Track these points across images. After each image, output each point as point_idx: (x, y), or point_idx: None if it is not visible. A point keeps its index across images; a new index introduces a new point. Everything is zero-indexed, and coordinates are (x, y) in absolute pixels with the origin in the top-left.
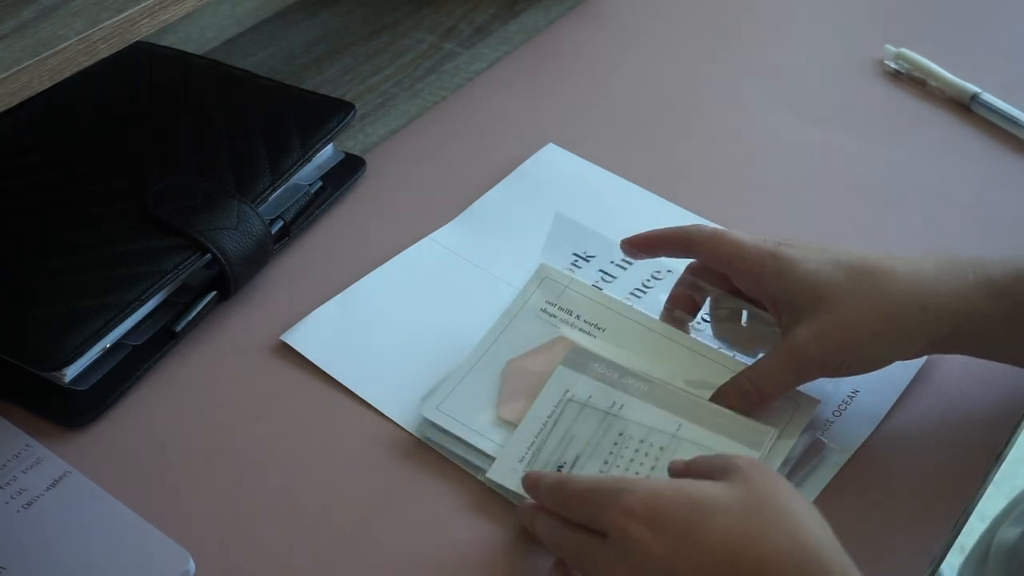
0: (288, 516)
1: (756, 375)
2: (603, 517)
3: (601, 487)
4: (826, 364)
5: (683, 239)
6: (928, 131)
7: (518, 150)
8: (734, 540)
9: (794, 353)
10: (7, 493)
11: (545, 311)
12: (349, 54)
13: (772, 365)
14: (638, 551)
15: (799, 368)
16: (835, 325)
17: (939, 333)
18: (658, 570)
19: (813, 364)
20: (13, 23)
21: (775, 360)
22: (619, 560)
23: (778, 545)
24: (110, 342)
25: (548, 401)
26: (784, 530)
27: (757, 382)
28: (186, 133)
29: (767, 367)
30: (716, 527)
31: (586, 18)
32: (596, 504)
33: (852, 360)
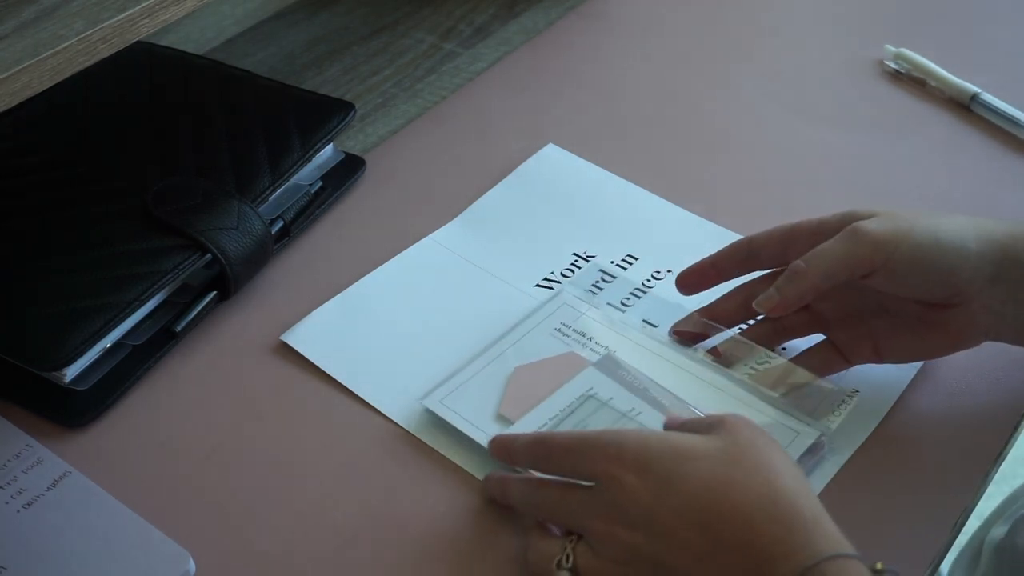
0: (288, 516)
1: (810, 253)
2: (591, 465)
3: (589, 438)
4: (880, 242)
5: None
6: (928, 131)
7: (518, 150)
8: (712, 487)
9: (852, 229)
10: (7, 493)
11: (559, 330)
12: (349, 54)
13: (828, 242)
14: (625, 496)
15: (854, 242)
16: (895, 215)
17: (998, 248)
18: (642, 515)
19: (867, 239)
20: (13, 23)
21: (832, 240)
22: (605, 507)
23: (755, 490)
24: (110, 342)
25: (569, 393)
26: (761, 477)
27: (809, 257)
28: (186, 133)
29: (822, 245)
30: (697, 473)
31: (586, 18)
32: (583, 454)
33: (906, 244)
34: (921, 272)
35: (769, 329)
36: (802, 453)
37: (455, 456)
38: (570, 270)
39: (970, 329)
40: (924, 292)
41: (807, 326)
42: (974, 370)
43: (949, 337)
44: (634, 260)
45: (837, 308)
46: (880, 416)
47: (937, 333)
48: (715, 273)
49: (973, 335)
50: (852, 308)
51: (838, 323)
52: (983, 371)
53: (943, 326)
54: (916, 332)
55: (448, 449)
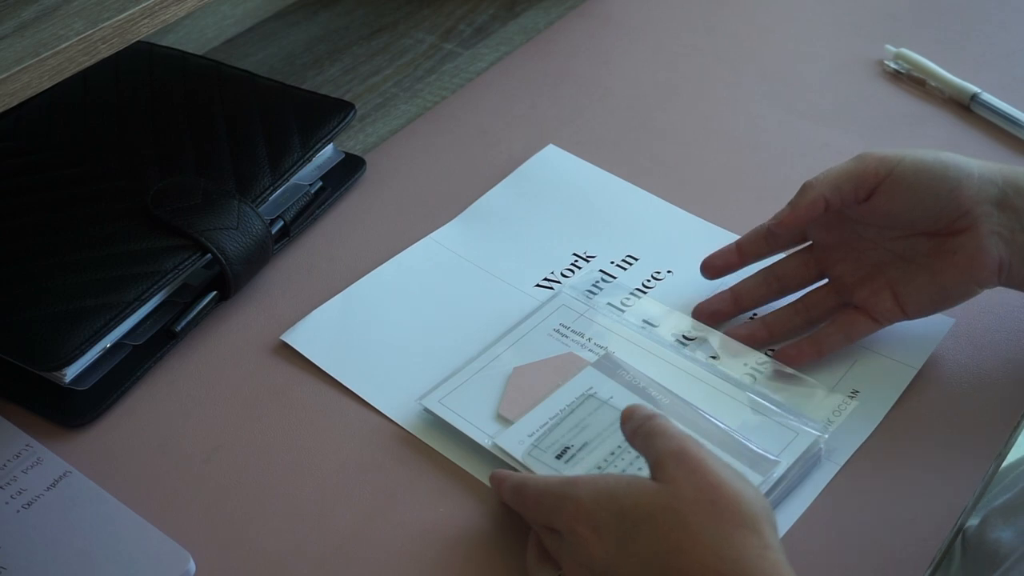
0: (288, 515)
1: (820, 173)
2: (556, 519)
3: (550, 491)
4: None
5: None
6: (928, 131)
7: (518, 150)
8: (663, 555)
9: (859, 154)
10: (7, 493)
11: (558, 331)
12: (349, 54)
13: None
14: (585, 551)
15: (858, 159)
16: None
17: (1002, 178)
18: (605, 570)
19: (871, 156)
20: (13, 23)
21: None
22: (572, 558)
23: (703, 561)
24: (110, 342)
25: (569, 393)
26: (707, 543)
27: (818, 176)
28: (186, 133)
29: (831, 167)
30: (646, 539)
31: (586, 18)
32: (548, 507)
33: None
34: (925, 186)
35: (792, 311)
36: (800, 454)
37: (455, 456)
38: (570, 270)
39: (981, 257)
40: (930, 212)
41: (829, 296)
42: (974, 371)
43: (963, 269)
44: (634, 260)
45: (853, 268)
46: (880, 416)
47: (950, 267)
48: (739, 256)
49: (986, 264)
50: (867, 263)
51: (857, 284)
52: (983, 372)
53: (955, 257)
54: (931, 270)
55: (448, 449)
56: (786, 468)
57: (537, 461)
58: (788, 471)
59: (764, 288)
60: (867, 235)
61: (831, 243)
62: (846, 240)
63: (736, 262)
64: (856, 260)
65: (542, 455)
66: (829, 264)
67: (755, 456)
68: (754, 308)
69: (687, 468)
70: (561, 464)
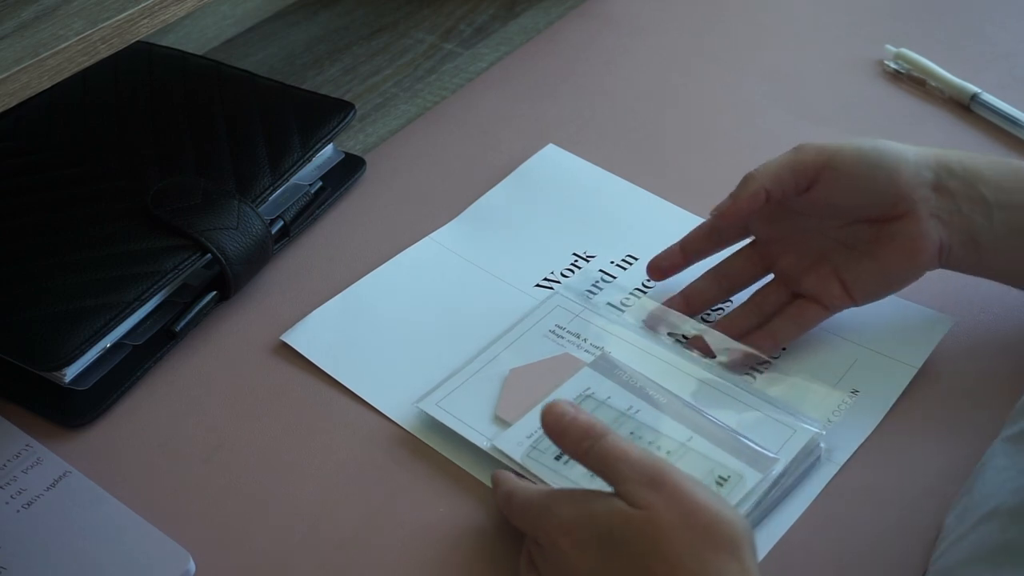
0: (288, 516)
1: (760, 165)
2: (538, 531)
3: (533, 503)
4: (822, 147)
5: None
6: (928, 131)
7: (518, 150)
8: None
9: (797, 145)
10: (7, 493)
11: (554, 332)
12: (349, 54)
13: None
14: (568, 564)
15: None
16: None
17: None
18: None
19: (810, 148)
20: (13, 23)
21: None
22: (555, 570)
23: None
24: (110, 342)
25: (567, 394)
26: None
27: (759, 168)
28: (186, 133)
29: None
30: (627, 561)
31: (586, 18)
32: (532, 518)
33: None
34: (863, 175)
35: (745, 311)
36: (797, 452)
37: (454, 456)
38: (570, 270)
39: (921, 241)
40: (869, 199)
41: (779, 290)
42: (974, 370)
43: (905, 253)
44: (634, 260)
45: (798, 259)
46: (880, 415)
47: (892, 252)
48: (683, 256)
49: (927, 248)
50: (811, 253)
51: (803, 274)
52: (983, 371)
53: (895, 243)
54: (873, 256)
55: (447, 449)
56: (785, 465)
57: (536, 463)
58: (787, 468)
59: (715, 288)
60: (809, 226)
61: (774, 236)
62: (788, 232)
63: (681, 262)
64: (800, 251)
65: (541, 456)
66: (774, 257)
67: (754, 454)
68: (706, 309)
69: (665, 494)
70: (560, 465)
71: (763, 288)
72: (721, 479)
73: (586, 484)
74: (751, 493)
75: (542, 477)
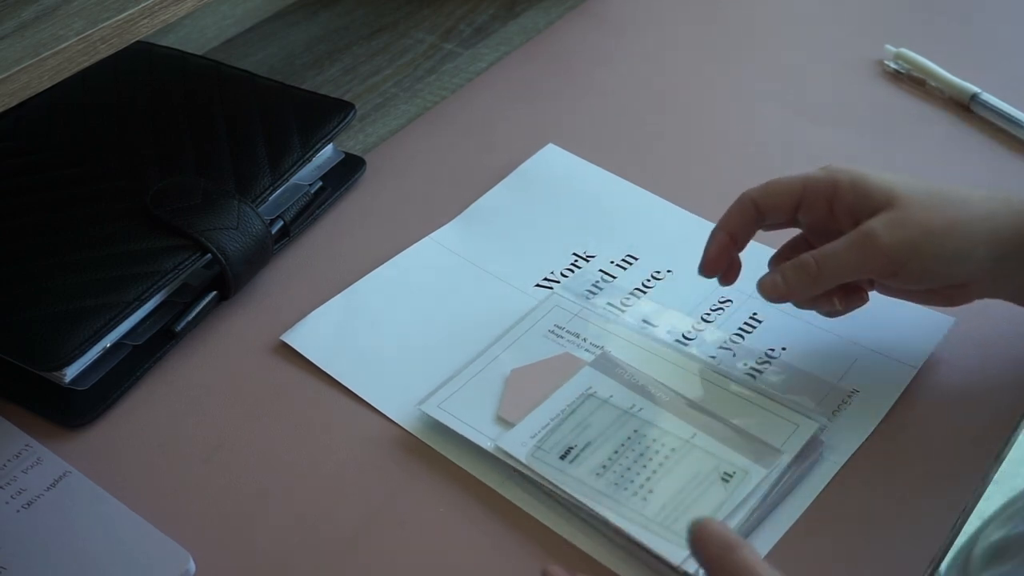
0: (288, 516)
1: (820, 254)
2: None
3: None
4: (893, 256)
5: (746, 207)
6: (928, 131)
7: (518, 150)
8: None
9: (864, 237)
10: (7, 493)
11: (553, 332)
12: (349, 54)
13: (839, 247)
14: None
15: (865, 254)
16: (907, 219)
17: (1004, 248)
18: None
19: (880, 252)
20: (13, 23)
21: (843, 243)
22: None
23: None
24: (110, 342)
25: (569, 393)
26: None
27: (820, 259)
28: (186, 133)
29: (834, 248)
30: None
31: (586, 18)
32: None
33: (917, 257)
34: (928, 280)
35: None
36: (801, 447)
37: (455, 456)
38: (570, 270)
39: (965, 299)
40: (927, 288)
41: None
42: (974, 371)
43: (947, 302)
44: (634, 260)
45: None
46: (880, 416)
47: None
48: (734, 243)
49: (969, 299)
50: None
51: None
52: (983, 371)
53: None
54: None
55: (449, 450)
56: (790, 459)
57: (541, 462)
58: (791, 462)
59: None
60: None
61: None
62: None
63: (733, 249)
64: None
65: (545, 456)
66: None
67: (758, 449)
68: None
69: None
70: (565, 464)
71: None
72: (727, 475)
73: (592, 483)
74: (757, 488)
75: (547, 476)
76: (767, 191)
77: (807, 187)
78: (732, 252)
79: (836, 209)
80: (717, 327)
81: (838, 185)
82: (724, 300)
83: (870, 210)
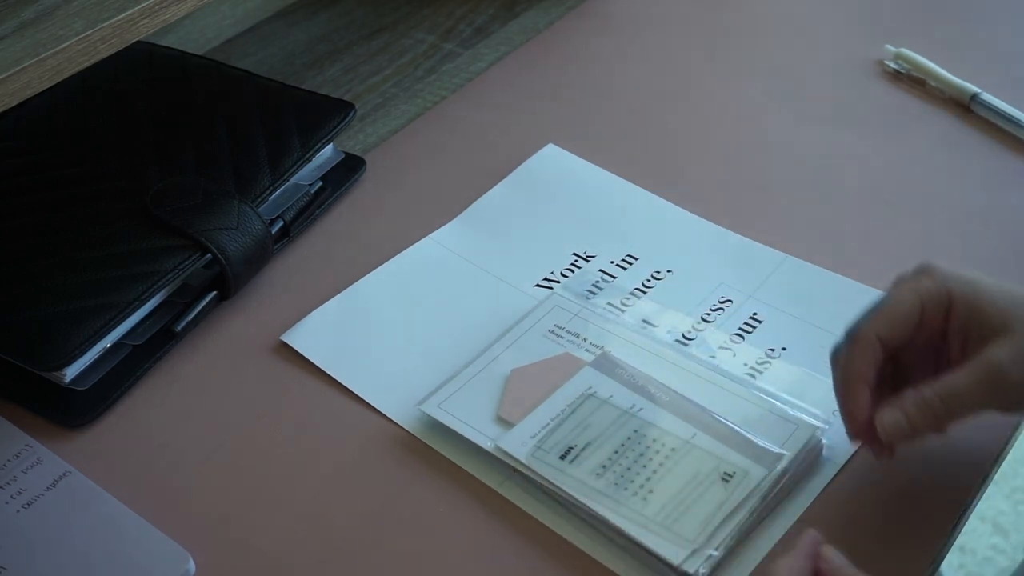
0: (288, 516)
1: (946, 391)
2: None
3: None
4: (1019, 391)
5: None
6: (928, 131)
7: (518, 150)
8: None
9: (994, 374)
10: (7, 493)
11: (553, 332)
12: (349, 54)
13: (962, 383)
14: None
15: (995, 392)
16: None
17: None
18: None
19: (1011, 389)
20: (13, 23)
21: (967, 378)
22: None
23: None
24: (110, 342)
25: (569, 393)
26: None
27: (946, 398)
28: (186, 133)
29: (960, 384)
30: None
31: (586, 18)
32: None
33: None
34: None
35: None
36: (801, 447)
37: (454, 456)
38: (570, 270)
39: None
40: None
41: None
42: None
43: None
44: (634, 260)
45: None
46: None
47: None
48: (871, 388)
49: None
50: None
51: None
52: None
53: None
54: None
55: (449, 450)
56: (790, 459)
57: (541, 462)
58: (791, 462)
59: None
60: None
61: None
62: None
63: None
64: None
65: (546, 456)
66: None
67: (759, 449)
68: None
69: None
70: (566, 464)
71: None
72: (727, 475)
73: (592, 483)
74: (757, 488)
75: (547, 476)
76: (890, 324)
77: (925, 307)
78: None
79: (950, 323)
80: (717, 327)
81: (953, 302)
82: (724, 300)
83: (983, 329)
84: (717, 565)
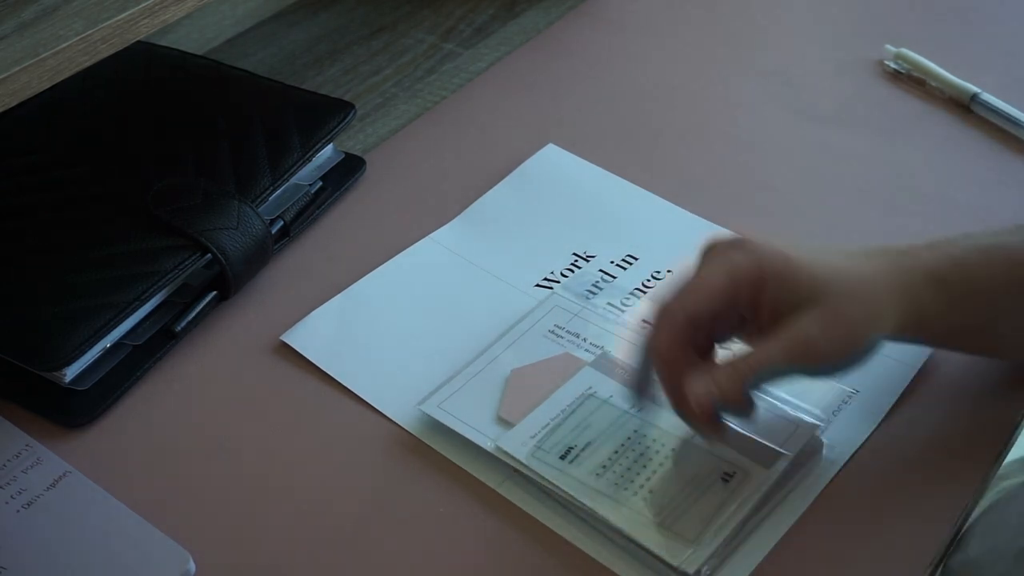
0: (288, 516)
1: (756, 361)
2: None
3: None
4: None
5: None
6: (928, 131)
7: (518, 150)
8: None
9: (803, 343)
10: (7, 493)
11: (553, 332)
12: (349, 54)
13: (777, 353)
14: None
15: (805, 358)
16: (839, 316)
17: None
18: None
19: (822, 355)
20: (13, 23)
21: (780, 348)
22: None
23: None
24: (110, 342)
25: (569, 393)
26: None
27: (757, 368)
28: (186, 133)
29: (770, 354)
30: None
31: (586, 18)
32: None
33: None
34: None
35: None
36: (801, 447)
37: (455, 456)
38: (570, 270)
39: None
40: None
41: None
42: (974, 370)
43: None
44: (634, 260)
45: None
46: (880, 416)
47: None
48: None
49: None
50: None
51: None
52: (983, 371)
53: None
54: None
55: (448, 450)
56: (790, 459)
57: (541, 462)
58: (792, 462)
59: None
60: None
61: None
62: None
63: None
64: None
65: (546, 456)
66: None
67: (759, 449)
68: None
69: None
70: (565, 464)
71: None
72: (727, 475)
73: (592, 483)
74: (757, 488)
75: (547, 476)
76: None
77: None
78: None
79: (760, 300)
80: None
81: (764, 277)
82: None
83: (793, 304)
84: (717, 565)
